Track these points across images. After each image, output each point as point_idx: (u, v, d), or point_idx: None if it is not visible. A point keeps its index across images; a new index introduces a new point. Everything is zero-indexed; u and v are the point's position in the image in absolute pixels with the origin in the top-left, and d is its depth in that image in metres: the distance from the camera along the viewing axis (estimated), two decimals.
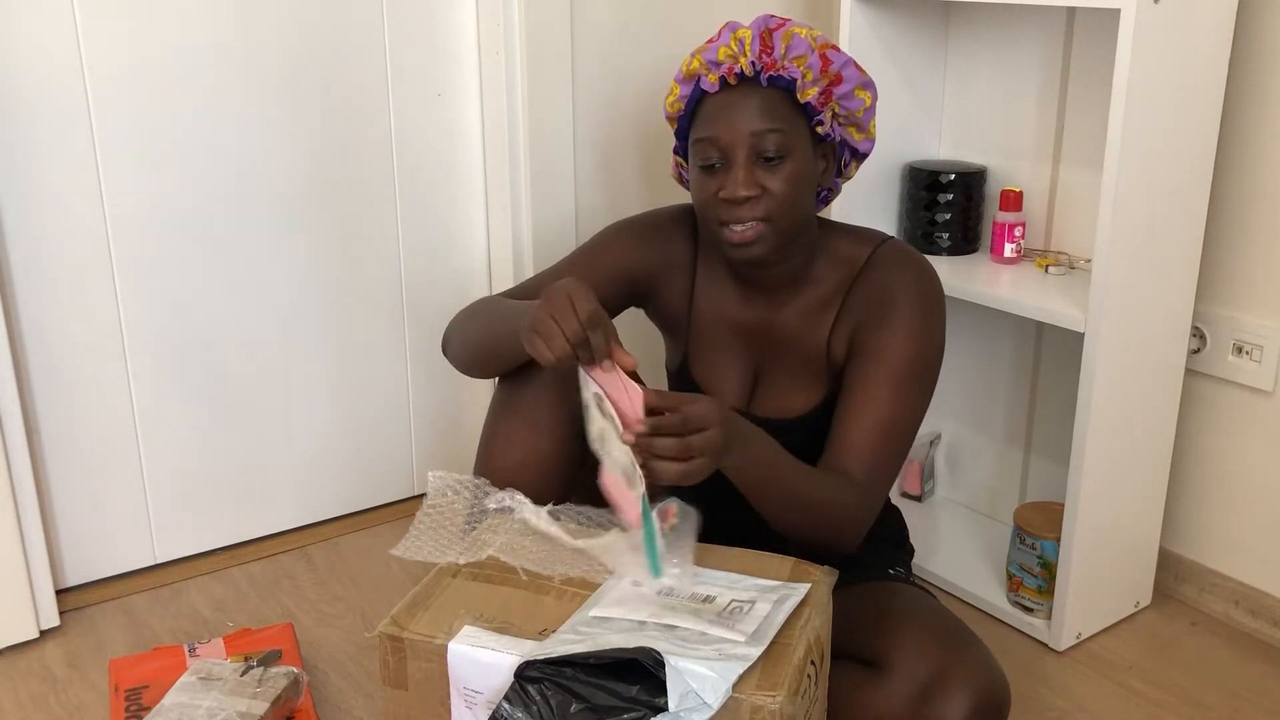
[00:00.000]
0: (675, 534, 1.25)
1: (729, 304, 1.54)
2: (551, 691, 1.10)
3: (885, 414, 1.40)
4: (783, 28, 1.41)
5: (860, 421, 1.40)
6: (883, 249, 1.49)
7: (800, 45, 1.39)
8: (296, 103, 1.93)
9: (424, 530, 1.36)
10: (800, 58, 1.39)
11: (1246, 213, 1.78)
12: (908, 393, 1.42)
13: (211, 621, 1.87)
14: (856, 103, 1.43)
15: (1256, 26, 1.72)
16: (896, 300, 1.43)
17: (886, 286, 1.45)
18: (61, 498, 1.89)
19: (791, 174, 1.39)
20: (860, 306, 1.46)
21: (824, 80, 1.40)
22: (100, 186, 1.80)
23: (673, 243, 1.56)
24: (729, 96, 1.40)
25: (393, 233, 2.09)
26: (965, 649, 1.32)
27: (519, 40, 1.96)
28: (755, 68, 1.38)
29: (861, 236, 1.51)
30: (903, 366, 1.41)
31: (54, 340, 1.82)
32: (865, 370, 1.42)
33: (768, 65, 1.38)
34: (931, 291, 1.46)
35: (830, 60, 1.41)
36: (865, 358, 1.43)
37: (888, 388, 1.40)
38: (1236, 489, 1.87)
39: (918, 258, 1.48)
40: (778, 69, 1.38)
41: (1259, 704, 1.70)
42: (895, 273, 1.46)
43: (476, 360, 1.48)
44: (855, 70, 1.42)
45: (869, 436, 1.39)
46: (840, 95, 1.42)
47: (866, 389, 1.41)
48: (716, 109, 1.40)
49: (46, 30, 1.71)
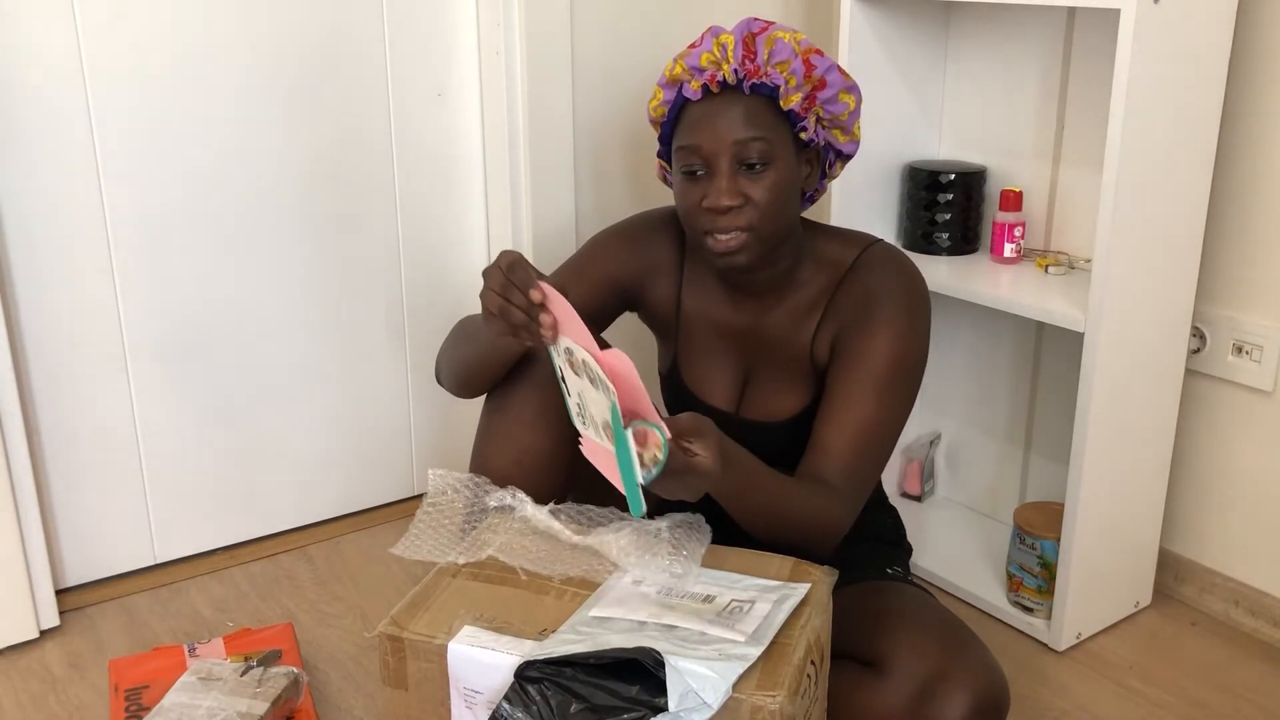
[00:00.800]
0: (659, 469, 1.16)
1: (716, 307, 1.54)
2: (551, 691, 1.10)
3: (866, 417, 1.39)
4: (765, 32, 1.40)
5: (840, 425, 1.39)
6: (869, 252, 1.48)
7: (783, 50, 1.39)
8: (296, 103, 1.93)
9: (424, 529, 1.37)
10: (783, 63, 1.38)
11: (1246, 213, 1.78)
12: (889, 395, 1.41)
13: (211, 621, 1.87)
14: (841, 106, 1.43)
15: (1256, 26, 1.72)
16: (880, 303, 1.43)
17: (870, 289, 1.44)
18: (61, 498, 1.89)
19: (775, 182, 1.38)
20: (844, 309, 1.46)
21: (807, 86, 1.40)
22: (100, 187, 1.80)
23: (658, 246, 1.56)
24: (712, 104, 1.39)
25: (393, 233, 2.09)
26: (965, 649, 1.32)
27: (519, 40, 1.96)
28: (738, 75, 1.38)
29: (848, 239, 1.51)
30: (884, 369, 1.41)
31: (54, 341, 1.82)
32: (847, 373, 1.42)
33: (750, 72, 1.38)
34: (916, 294, 1.45)
35: (814, 65, 1.40)
36: (847, 360, 1.42)
37: (869, 390, 1.40)
38: (1236, 489, 1.87)
39: (903, 260, 1.48)
40: (760, 76, 1.38)
41: (1259, 704, 1.70)
42: (879, 276, 1.45)
43: (467, 379, 1.49)
44: (839, 75, 1.42)
45: (849, 440, 1.39)
46: (824, 100, 1.41)
47: (848, 392, 1.41)
48: (699, 117, 1.40)
49: (46, 30, 1.71)
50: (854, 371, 1.41)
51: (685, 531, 1.32)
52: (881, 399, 1.40)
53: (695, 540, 1.31)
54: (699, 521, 1.34)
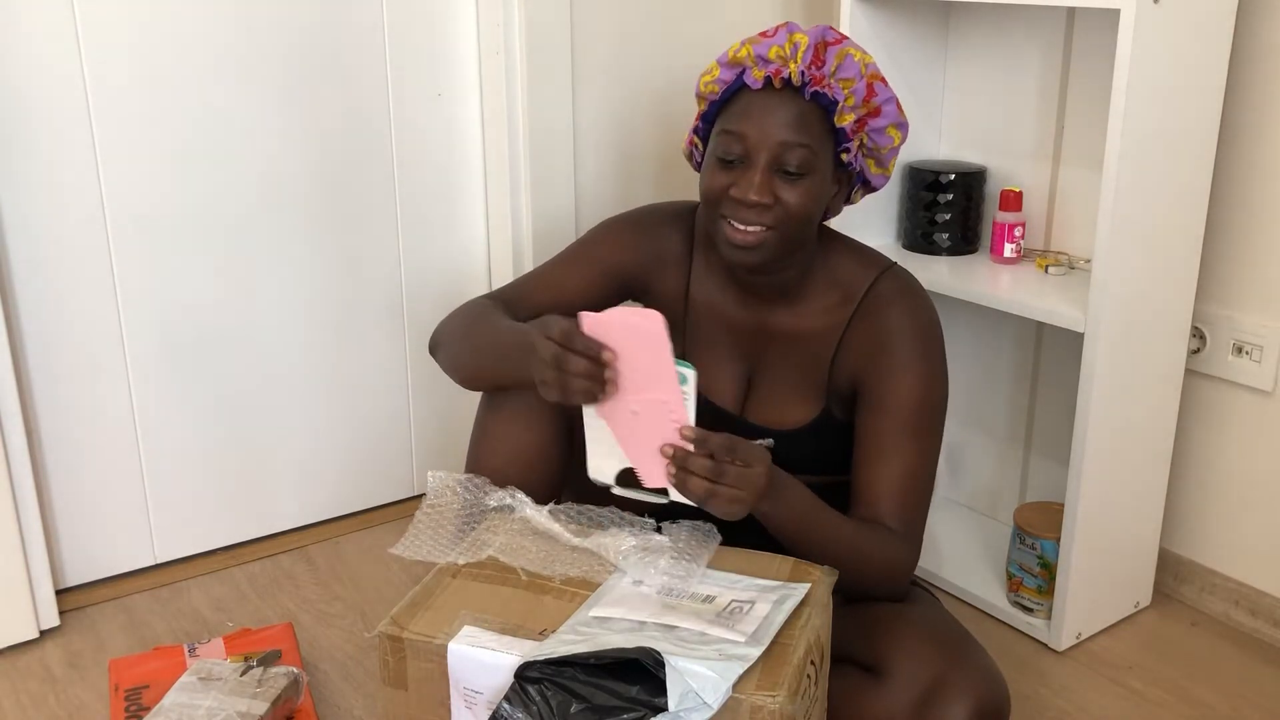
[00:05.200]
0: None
1: (724, 303, 1.53)
2: (551, 691, 1.10)
3: (909, 463, 1.41)
4: (839, 45, 1.39)
5: (885, 475, 1.41)
6: (885, 281, 1.47)
7: (851, 68, 1.38)
8: (296, 103, 1.93)
9: (423, 529, 1.37)
10: (847, 80, 1.38)
11: (1246, 213, 1.78)
12: (924, 437, 1.43)
13: (211, 621, 1.87)
14: (886, 139, 1.43)
15: (1256, 26, 1.72)
16: (901, 344, 1.43)
17: (889, 328, 1.44)
18: (61, 498, 1.89)
19: (807, 191, 1.38)
20: (864, 343, 1.45)
21: (863, 109, 1.39)
22: (100, 188, 1.80)
23: (666, 238, 1.56)
24: (768, 98, 1.38)
25: (393, 233, 2.09)
26: (965, 655, 1.32)
27: (519, 40, 1.96)
28: (804, 78, 1.37)
29: (864, 259, 1.50)
30: (914, 414, 1.42)
31: (54, 341, 1.82)
32: (879, 423, 1.42)
33: (815, 79, 1.37)
34: (932, 330, 1.46)
35: (875, 92, 1.40)
36: (875, 409, 1.43)
37: (905, 437, 1.41)
38: (1236, 489, 1.87)
39: (919, 292, 1.48)
40: (823, 85, 1.37)
41: (1259, 704, 1.70)
42: (898, 313, 1.45)
43: (477, 384, 1.49)
44: (895, 109, 1.41)
45: (896, 488, 1.41)
46: (873, 129, 1.41)
47: (881, 443, 1.42)
48: (751, 106, 1.38)
49: (46, 32, 1.71)
50: (886, 421, 1.42)
51: (690, 535, 1.32)
52: (918, 442, 1.42)
53: (699, 544, 1.31)
54: (709, 529, 1.34)
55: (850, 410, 1.48)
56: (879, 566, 1.38)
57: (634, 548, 1.29)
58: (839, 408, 1.48)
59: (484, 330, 1.47)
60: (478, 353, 1.47)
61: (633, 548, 1.29)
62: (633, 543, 1.29)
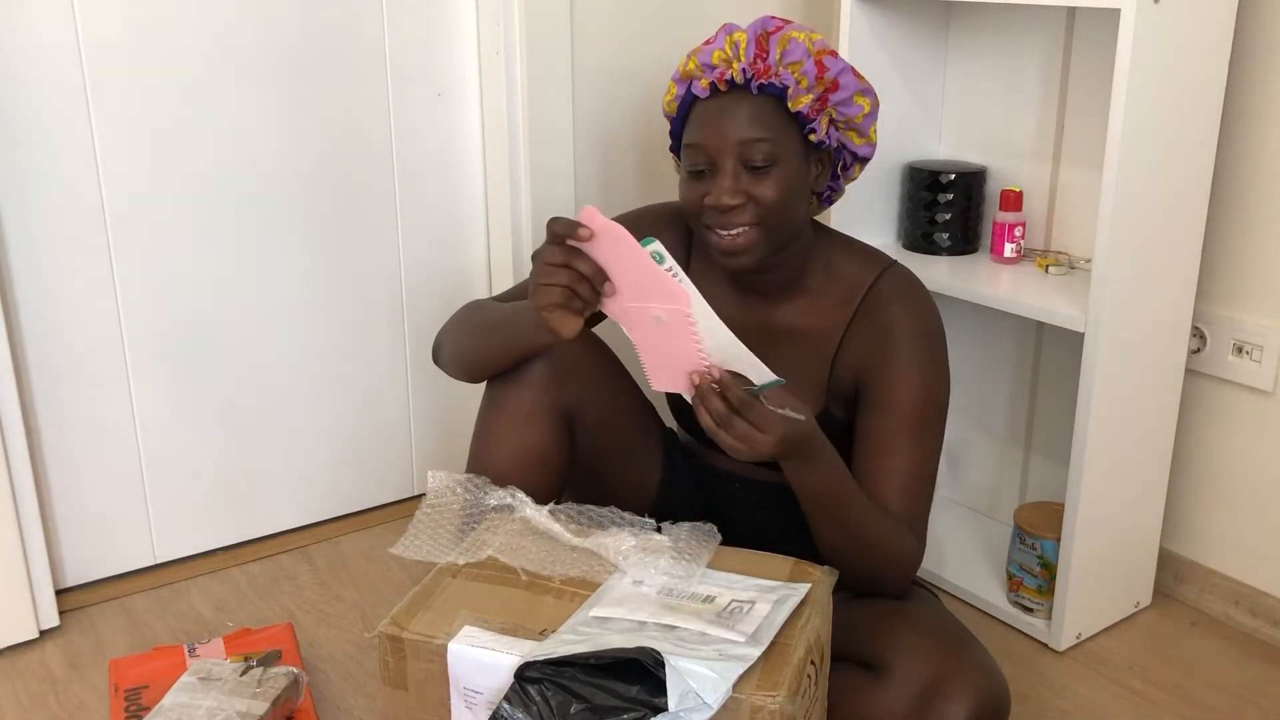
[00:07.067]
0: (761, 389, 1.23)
1: (723, 302, 1.53)
2: (551, 692, 1.10)
3: (911, 462, 1.41)
4: (780, 32, 1.40)
5: (889, 473, 1.41)
6: (886, 279, 1.48)
7: (796, 50, 1.38)
8: (296, 103, 1.93)
9: (423, 529, 1.37)
10: (795, 64, 1.38)
11: (1246, 213, 1.79)
12: (927, 437, 1.43)
13: (211, 621, 1.87)
14: (855, 109, 1.42)
15: (1256, 26, 1.72)
16: (903, 344, 1.44)
17: (892, 328, 1.45)
18: (61, 498, 1.89)
19: (778, 181, 1.38)
20: (866, 343, 1.46)
21: (819, 88, 1.39)
22: (100, 187, 1.80)
23: (664, 240, 1.56)
24: (719, 103, 1.39)
25: (393, 233, 2.09)
26: (965, 653, 1.32)
27: (519, 40, 1.96)
28: (746, 75, 1.37)
29: (865, 258, 1.50)
30: (917, 414, 1.42)
31: (54, 340, 1.82)
32: (882, 422, 1.43)
33: (759, 73, 1.37)
34: (934, 330, 1.46)
35: (826, 67, 1.39)
36: (878, 407, 1.43)
37: (908, 437, 1.42)
38: (1236, 489, 1.87)
39: (920, 291, 1.48)
40: (769, 76, 1.37)
41: (1259, 704, 1.70)
42: (899, 312, 1.45)
43: (479, 369, 1.49)
44: (853, 77, 1.41)
45: (900, 487, 1.41)
46: (837, 102, 1.41)
47: (885, 441, 1.42)
48: (705, 115, 1.40)
49: (45, 28, 1.71)
50: (888, 420, 1.42)
51: (690, 535, 1.33)
52: (921, 441, 1.42)
53: (699, 544, 1.31)
54: (709, 529, 1.35)
55: (850, 409, 1.48)
56: (893, 554, 1.38)
57: (634, 548, 1.29)
58: (839, 406, 1.49)
59: (482, 315, 1.49)
60: (477, 334, 1.48)
61: (633, 548, 1.29)
62: (633, 543, 1.30)
